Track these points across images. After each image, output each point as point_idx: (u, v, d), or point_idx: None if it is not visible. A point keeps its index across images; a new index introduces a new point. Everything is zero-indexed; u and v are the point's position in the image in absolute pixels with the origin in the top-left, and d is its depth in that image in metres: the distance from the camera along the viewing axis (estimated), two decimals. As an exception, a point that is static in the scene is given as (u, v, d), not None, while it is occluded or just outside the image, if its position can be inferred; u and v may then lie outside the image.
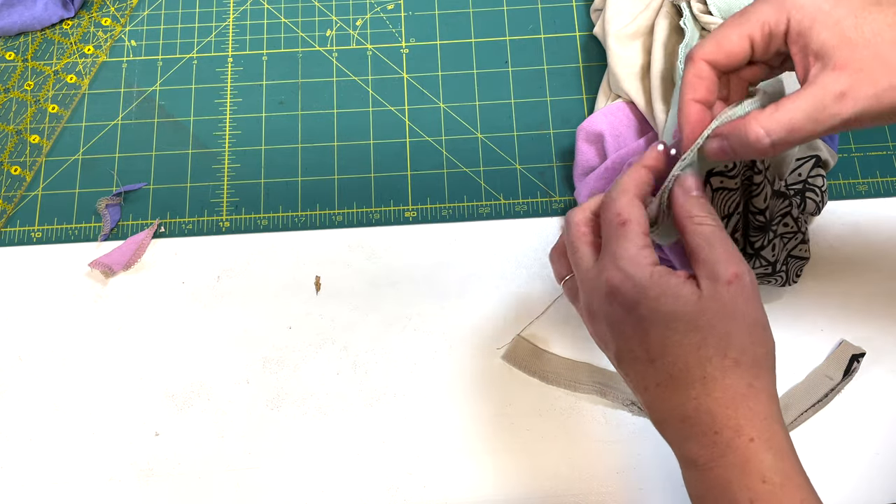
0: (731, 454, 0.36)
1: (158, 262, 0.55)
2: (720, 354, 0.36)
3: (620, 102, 0.55)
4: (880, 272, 0.54)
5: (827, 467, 0.50)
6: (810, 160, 0.51)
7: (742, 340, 0.36)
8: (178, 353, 0.53)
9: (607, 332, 0.39)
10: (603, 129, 0.54)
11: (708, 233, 0.38)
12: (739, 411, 0.36)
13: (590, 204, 0.41)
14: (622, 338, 0.38)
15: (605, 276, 0.38)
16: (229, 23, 0.62)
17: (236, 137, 0.59)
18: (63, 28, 0.62)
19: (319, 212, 0.57)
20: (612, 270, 0.38)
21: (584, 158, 0.55)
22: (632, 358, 0.38)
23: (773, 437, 0.36)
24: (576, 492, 0.50)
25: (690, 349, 0.36)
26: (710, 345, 0.36)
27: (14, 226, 0.56)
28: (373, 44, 0.61)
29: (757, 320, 0.37)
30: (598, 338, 0.41)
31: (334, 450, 0.51)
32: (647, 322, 0.37)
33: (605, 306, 0.39)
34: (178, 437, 0.51)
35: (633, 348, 0.38)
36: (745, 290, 0.37)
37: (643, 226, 0.38)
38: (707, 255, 0.37)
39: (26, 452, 0.51)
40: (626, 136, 0.54)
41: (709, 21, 0.51)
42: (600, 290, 0.38)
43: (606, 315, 0.39)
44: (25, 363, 0.53)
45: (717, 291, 0.36)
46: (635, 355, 0.38)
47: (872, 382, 0.52)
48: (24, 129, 0.59)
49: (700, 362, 0.36)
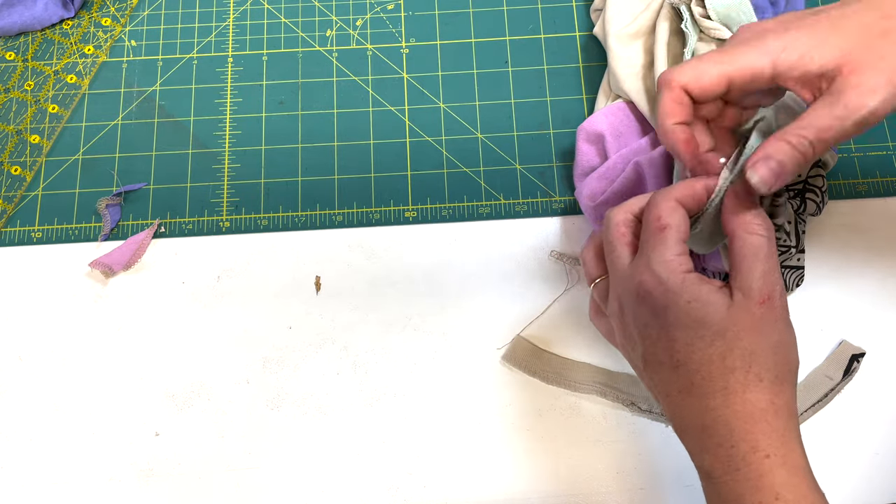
0: (746, 468, 0.36)
1: (158, 262, 0.55)
2: (744, 368, 0.36)
3: (621, 102, 0.55)
4: (880, 272, 0.54)
5: (827, 467, 0.50)
6: None
7: (767, 358, 0.37)
8: (178, 353, 0.53)
9: (636, 335, 0.39)
10: (603, 129, 0.54)
11: (757, 244, 0.37)
12: (758, 426, 0.36)
13: (631, 205, 0.41)
14: (649, 340, 0.38)
15: (639, 278, 0.38)
16: (229, 23, 0.62)
17: (236, 137, 0.59)
18: (63, 28, 0.62)
19: (319, 212, 0.57)
20: (645, 273, 0.38)
21: (584, 159, 0.55)
22: (657, 362, 0.38)
23: (790, 454, 0.36)
24: (576, 492, 0.50)
25: (715, 358, 0.37)
26: (736, 357, 0.36)
27: (14, 226, 0.56)
28: (373, 44, 0.61)
29: (783, 340, 0.37)
30: (627, 339, 0.41)
31: (334, 450, 0.51)
32: (674, 327, 0.37)
33: (635, 308, 0.39)
34: (178, 437, 0.51)
35: (659, 352, 0.38)
36: (774, 311, 0.37)
37: (682, 233, 0.38)
38: (749, 268, 0.37)
39: (26, 452, 0.51)
40: (626, 136, 0.54)
41: (708, 26, 0.51)
42: (632, 292, 0.39)
43: (636, 317, 0.39)
44: (25, 363, 0.53)
45: (748, 306, 0.37)
46: (660, 359, 0.38)
47: (872, 382, 0.52)
48: (25, 129, 0.59)
49: (723, 373, 0.36)
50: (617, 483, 0.50)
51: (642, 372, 0.40)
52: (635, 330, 0.39)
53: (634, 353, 0.40)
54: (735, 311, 0.37)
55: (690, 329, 0.37)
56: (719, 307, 0.37)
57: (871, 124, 0.36)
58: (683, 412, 0.38)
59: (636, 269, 0.39)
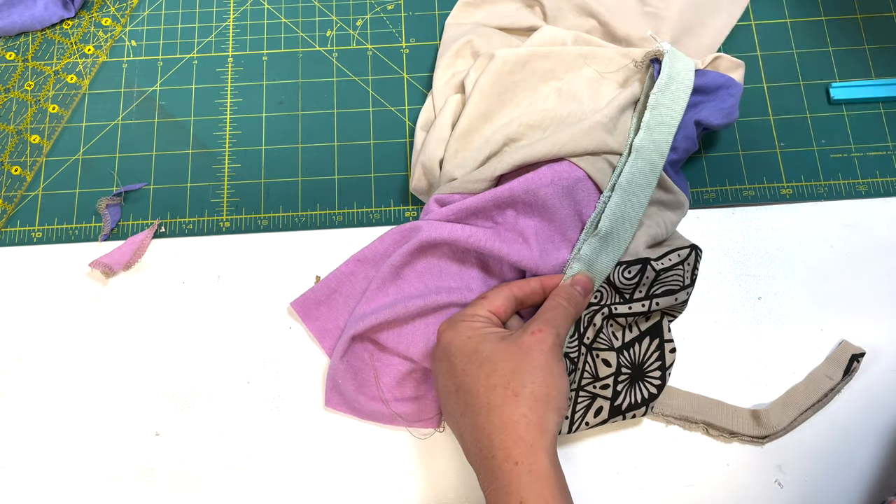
0: (502, 476, 0.40)
1: (158, 262, 0.55)
2: (503, 385, 0.41)
3: None
4: (880, 272, 0.54)
5: (827, 467, 0.50)
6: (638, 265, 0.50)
7: (525, 377, 0.41)
8: (178, 353, 0.53)
9: (436, 375, 0.46)
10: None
11: (555, 303, 0.46)
12: (510, 437, 0.40)
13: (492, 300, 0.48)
14: (440, 374, 0.45)
15: (440, 326, 0.46)
16: (229, 23, 0.62)
17: (236, 137, 0.59)
18: (63, 28, 0.62)
19: (319, 212, 0.57)
20: (444, 322, 0.46)
21: (429, 209, 0.53)
22: (446, 392, 0.44)
23: (536, 462, 0.40)
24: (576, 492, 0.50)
25: (481, 379, 0.42)
26: (498, 376, 0.42)
27: (14, 226, 0.56)
28: (373, 44, 0.61)
29: (543, 364, 0.42)
30: (434, 382, 0.47)
31: (334, 450, 0.51)
32: (454, 357, 0.43)
33: (433, 353, 0.46)
34: (178, 437, 0.51)
35: (447, 382, 0.44)
36: (544, 343, 0.43)
37: (496, 307, 0.46)
38: (538, 313, 0.45)
39: (26, 452, 0.51)
40: None
41: None
42: (438, 340, 0.46)
43: (433, 360, 0.46)
44: (25, 363, 0.53)
45: (520, 337, 0.43)
46: (448, 388, 0.44)
47: (872, 382, 0.52)
48: (25, 129, 0.59)
49: (487, 391, 0.41)
50: (617, 483, 0.50)
51: (442, 406, 0.45)
52: (434, 369, 0.46)
53: (436, 390, 0.46)
54: (507, 342, 0.43)
55: (465, 356, 0.43)
56: (492, 338, 0.43)
57: None
58: (463, 433, 0.43)
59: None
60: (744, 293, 0.54)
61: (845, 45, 0.61)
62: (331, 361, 0.51)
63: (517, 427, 0.40)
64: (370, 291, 0.51)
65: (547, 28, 0.57)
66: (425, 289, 0.51)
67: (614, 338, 0.49)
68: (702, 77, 0.52)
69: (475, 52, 0.57)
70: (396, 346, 0.50)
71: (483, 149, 0.53)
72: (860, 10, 0.62)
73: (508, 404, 0.41)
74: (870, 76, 0.60)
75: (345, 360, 0.50)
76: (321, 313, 0.53)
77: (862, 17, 0.62)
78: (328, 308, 0.53)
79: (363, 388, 0.50)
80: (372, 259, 0.53)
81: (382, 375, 0.51)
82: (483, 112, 0.54)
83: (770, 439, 0.50)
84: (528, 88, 0.55)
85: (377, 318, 0.50)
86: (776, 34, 0.61)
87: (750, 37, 0.61)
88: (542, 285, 0.48)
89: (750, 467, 0.50)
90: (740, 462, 0.50)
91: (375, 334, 0.51)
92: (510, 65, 0.54)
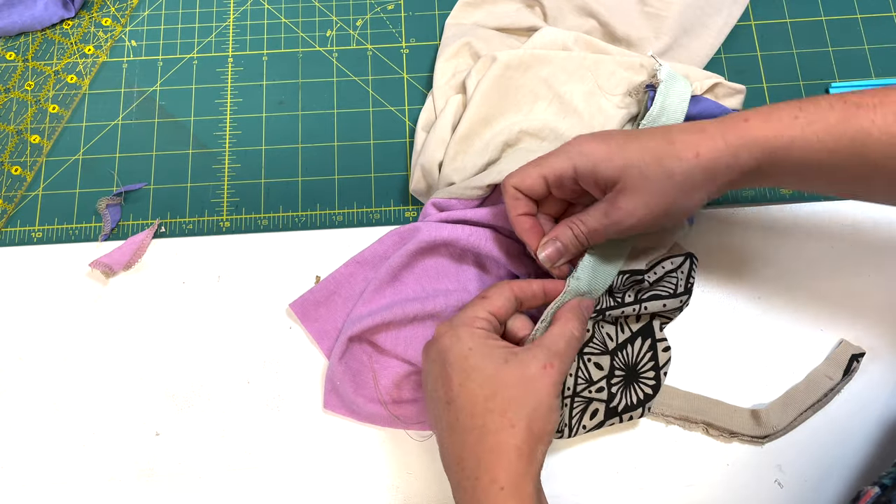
0: (485, 499, 0.40)
1: (158, 262, 0.55)
2: (501, 412, 0.41)
3: None
4: (880, 272, 0.54)
5: (827, 467, 0.50)
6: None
7: (524, 410, 0.41)
8: (178, 353, 0.53)
9: (426, 374, 0.45)
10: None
11: (568, 333, 0.44)
12: (500, 463, 0.40)
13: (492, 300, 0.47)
14: (431, 375, 0.44)
15: (438, 326, 0.44)
16: (229, 23, 0.62)
17: (236, 137, 0.59)
18: (63, 28, 0.62)
19: (319, 212, 0.57)
20: (444, 323, 0.44)
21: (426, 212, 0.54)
22: (435, 398, 0.43)
23: (522, 490, 0.40)
24: (575, 492, 0.50)
25: (479, 400, 0.41)
26: (497, 401, 0.41)
27: (14, 226, 0.56)
28: (373, 44, 0.61)
29: (546, 402, 0.41)
30: (422, 379, 0.46)
31: (334, 450, 0.51)
32: (451, 367, 0.42)
33: (427, 350, 0.45)
34: (178, 437, 0.51)
35: (438, 389, 0.43)
36: (550, 378, 0.42)
37: (496, 308, 0.45)
38: (554, 340, 0.43)
39: (26, 452, 0.51)
40: None
41: None
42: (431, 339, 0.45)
43: (426, 357, 0.45)
44: (25, 363, 0.53)
45: (527, 366, 0.42)
46: (438, 395, 0.43)
47: (872, 382, 0.52)
48: (25, 129, 0.59)
49: (483, 413, 0.41)
50: (617, 483, 0.50)
51: (427, 407, 0.45)
52: (424, 369, 0.45)
53: (423, 390, 0.46)
54: (512, 366, 0.42)
55: (464, 372, 0.42)
56: (497, 359, 0.42)
57: (634, 232, 0.44)
58: (446, 446, 0.42)
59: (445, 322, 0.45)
60: (743, 293, 0.54)
61: (845, 45, 0.61)
62: (329, 363, 0.51)
63: (509, 455, 0.40)
64: (367, 293, 0.51)
65: (547, 29, 0.57)
66: (423, 291, 0.51)
67: (608, 338, 0.49)
68: (696, 105, 0.52)
69: (475, 52, 0.57)
70: (395, 348, 0.50)
71: (482, 154, 0.53)
72: (860, 10, 0.62)
73: (504, 432, 0.40)
74: (870, 76, 0.60)
75: (343, 361, 0.50)
76: (320, 315, 0.53)
77: (862, 17, 0.62)
78: (327, 309, 0.53)
79: (362, 390, 0.50)
80: (371, 261, 0.53)
81: (381, 377, 0.51)
82: (483, 116, 0.54)
83: (770, 439, 0.50)
84: (529, 93, 0.55)
85: (374, 320, 0.50)
86: (776, 34, 0.61)
87: (750, 37, 0.61)
88: (544, 289, 0.47)
89: (750, 467, 0.50)
90: (740, 462, 0.50)
91: (373, 336, 0.51)
92: (512, 68, 0.54)
